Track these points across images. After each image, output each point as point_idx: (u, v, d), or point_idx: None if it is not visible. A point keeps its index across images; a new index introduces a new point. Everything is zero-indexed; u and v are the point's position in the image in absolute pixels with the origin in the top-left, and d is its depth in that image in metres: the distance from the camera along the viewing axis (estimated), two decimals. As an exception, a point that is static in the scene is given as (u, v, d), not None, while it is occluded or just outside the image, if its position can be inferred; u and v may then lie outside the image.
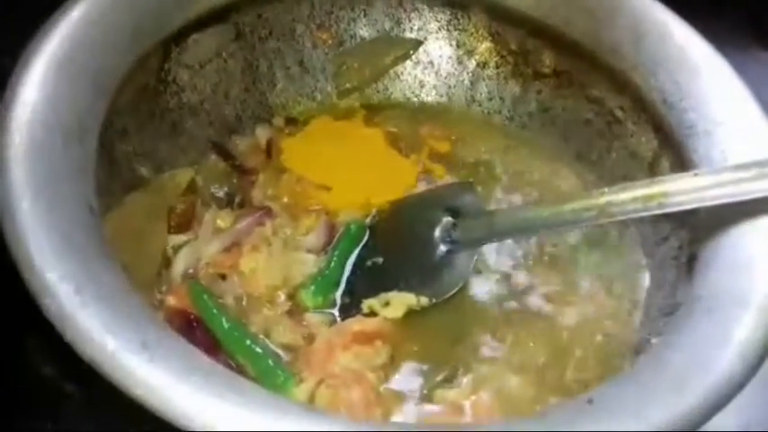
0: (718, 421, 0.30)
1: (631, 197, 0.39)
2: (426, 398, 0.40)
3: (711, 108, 0.42)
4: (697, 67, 0.44)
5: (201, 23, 0.48)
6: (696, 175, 0.39)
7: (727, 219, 0.39)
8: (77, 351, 0.28)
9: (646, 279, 0.45)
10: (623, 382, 0.32)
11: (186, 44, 0.48)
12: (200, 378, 0.29)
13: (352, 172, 0.50)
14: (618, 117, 0.50)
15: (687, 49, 0.45)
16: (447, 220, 0.45)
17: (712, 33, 0.48)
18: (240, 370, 0.40)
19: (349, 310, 0.43)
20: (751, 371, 0.31)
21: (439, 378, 0.41)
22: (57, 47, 0.38)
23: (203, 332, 0.41)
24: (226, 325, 0.41)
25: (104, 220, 0.39)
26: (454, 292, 0.43)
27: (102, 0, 0.41)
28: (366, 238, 0.47)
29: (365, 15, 0.54)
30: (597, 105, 0.51)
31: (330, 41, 0.54)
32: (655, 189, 0.39)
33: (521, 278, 0.46)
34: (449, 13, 0.54)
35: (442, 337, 0.43)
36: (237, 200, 0.48)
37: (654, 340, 0.35)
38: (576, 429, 0.29)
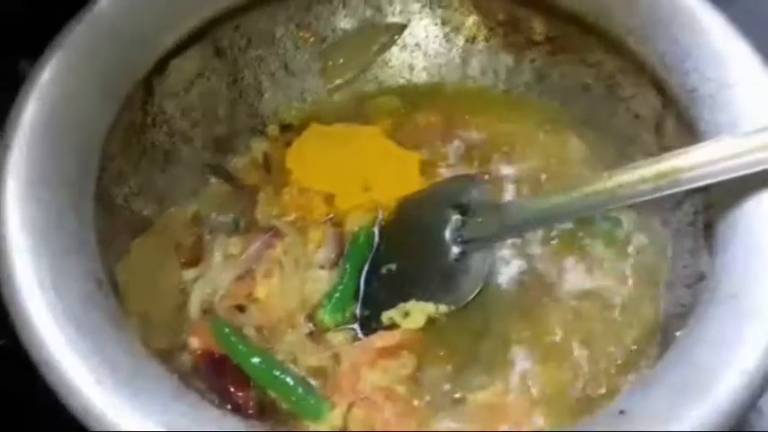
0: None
1: (641, 177, 0.38)
2: (460, 402, 0.40)
3: (715, 71, 0.41)
4: (696, 27, 0.42)
5: (179, 48, 0.46)
6: (705, 146, 0.38)
7: (740, 181, 0.38)
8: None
9: (666, 248, 0.44)
10: (652, 387, 0.31)
11: (167, 72, 0.46)
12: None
13: (354, 174, 0.49)
14: (617, 80, 0.48)
15: (684, 8, 0.42)
16: (456, 218, 0.44)
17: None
18: (273, 402, 0.40)
19: (369, 323, 0.43)
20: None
21: (469, 380, 0.41)
22: (36, 115, 0.37)
23: (232, 369, 0.41)
24: (253, 359, 0.41)
25: (115, 270, 0.39)
26: (473, 296, 0.42)
27: (72, 53, 0.40)
28: (377, 242, 0.46)
29: (344, 7, 0.52)
30: (595, 69, 0.49)
31: (312, 39, 0.53)
32: (664, 165, 0.38)
33: (541, 262, 0.45)
34: (429, -10, 0.52)
35: (467, 336, 0.43)
36: (243, 223, 0.47)
37: (678, 333, 0.35)
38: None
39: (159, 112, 0.47)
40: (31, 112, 0.37)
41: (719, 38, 0.41)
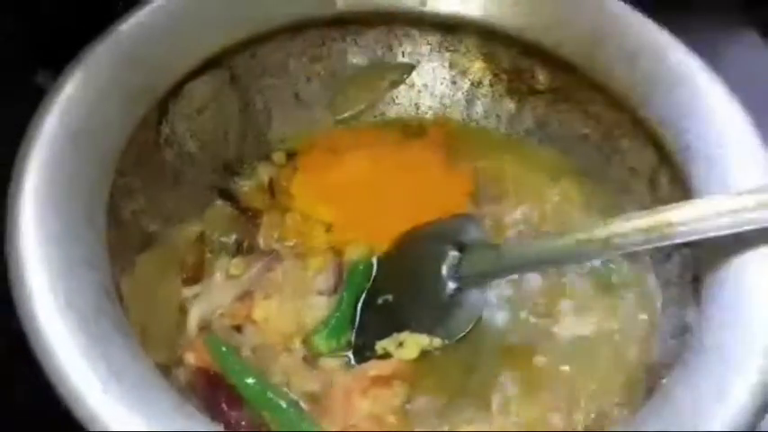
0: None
1: (634, 228, 0.40)
2: (449, 435, 0.41)
3: (709, 131, 0.43)
4: (693, 88, 0.44)
5: (196, 72, 0.48)
6: (697, 203, 0.40)
7: (728, 237, 0.40)
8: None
9: (655, 298, 0.46)
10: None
11: (182, 94, 0.48)
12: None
13: (356, 204, 0.50)
14: (615, 133, 0.50)
15: (683, 70, 0.45)
16: (453, 254, 0.45)
17: (703, 17, 0.48)
18: (264, 423, 0.41)
19: (363, 351, 0.44)
20: (756, 419, 0.32)
21: (457, 414, 0.42)
22: (55, 128, 0.38)
23: (226, 388, 0.42)
24: (247, 379, 0.42)
25: (120, 283, 0.40)
26: (467, 331, 0.44)
27: (93, 71, 0.41)
28: (375, 273, 0.47)
29: (356, 44, 0.54)
30: (594, 121, 0.51)
31: (323, 72, 0.54)
32: (657, 219, 0.39)
33: (534, 303, 0.46)
34: (439, 35, 0.54)
35: (458, 370, 0.44)
36: (245, 245, 0.48)
37: (663, 381, 0.36)
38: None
39: (171, 133, 0.48)
40: (50, 125, 0.38)
41: (715, 99, 0.43)
